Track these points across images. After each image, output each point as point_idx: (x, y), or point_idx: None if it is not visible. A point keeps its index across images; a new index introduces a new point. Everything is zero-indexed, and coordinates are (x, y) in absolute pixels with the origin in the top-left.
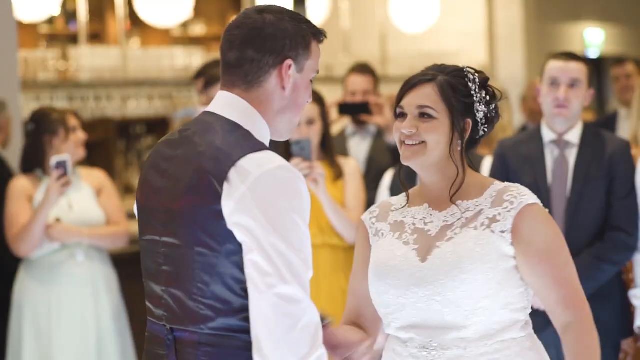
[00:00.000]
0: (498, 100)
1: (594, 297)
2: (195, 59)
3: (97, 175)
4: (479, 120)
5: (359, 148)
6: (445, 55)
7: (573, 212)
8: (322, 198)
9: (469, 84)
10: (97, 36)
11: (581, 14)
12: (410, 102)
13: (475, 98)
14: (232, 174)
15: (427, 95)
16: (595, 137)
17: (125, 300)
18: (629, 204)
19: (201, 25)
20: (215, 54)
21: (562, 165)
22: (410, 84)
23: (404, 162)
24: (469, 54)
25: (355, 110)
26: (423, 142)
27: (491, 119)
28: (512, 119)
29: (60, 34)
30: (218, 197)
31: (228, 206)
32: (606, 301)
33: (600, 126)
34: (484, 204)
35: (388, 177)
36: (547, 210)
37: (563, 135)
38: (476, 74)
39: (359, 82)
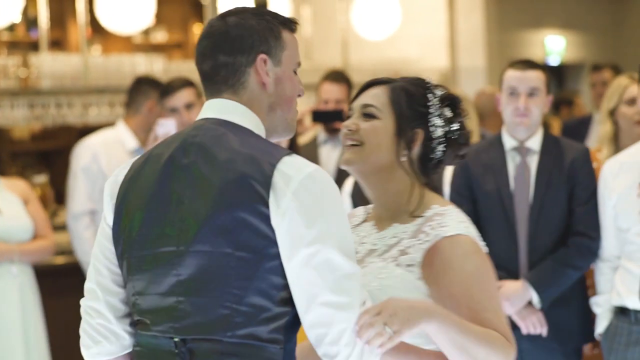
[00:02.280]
0: (461, 119)
1: (556, 302)
2: (156, 66)
3: (21, 186)
4: (433, 136)
5: (330, 156)
6: (407, 62)
7: (536, 218)
8: None
9: (428, 94)
10: (58, 43)
11: (542, 21)
12: (358, 102)
13: (431, 109)
14: (276, 177)
15: (374, 95)
16: (555, 144)
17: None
18: (591, 210)
19: (163, 32)
20: (177, 61)
21: (524, 172)
22: (363, 86)
23: (343, 166)
24: (430, 61)
25: (329, 118)
26: (362, 143)
27: (452, 141)
28: (477, 125)
29: (21, 41)
30: (262, 201)
31: (275, 211)
32: (567, 306)
33: (573, 127)
34: (407, 232)
35: (349, 183)
36: (473, 243)
37: (524, 142)
38: (440, 88)
39: (332, 91)
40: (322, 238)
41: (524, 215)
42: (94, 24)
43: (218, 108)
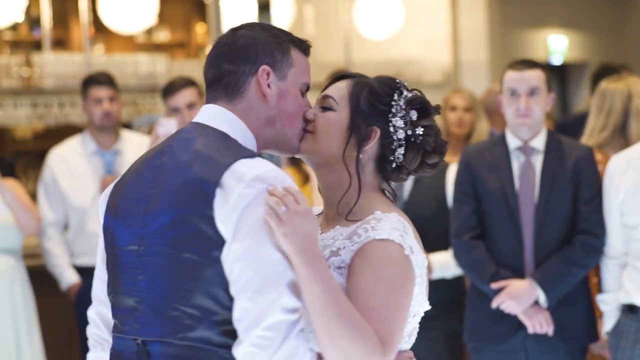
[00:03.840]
0: (428, 125)
1: (561, 301)
2: (159, 65)
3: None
4: (394, 138)
5: None
6: (410, 62)
7: (542, 218)
8: None
9: (395, 93)
10: (61, 42)
11: (545, 20)
12: (323, 94)
13: (393, 109)
14: (226, 177)
15: (337, 88)
16: (558, 144)
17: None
18: (596, 208)
19: (165, 31)
20: (180, 61)
21: (529, 171)
22: (332, 79)
23: (296, 153)
24: (433, 60)
25: None
26: (314, 132)
27: (414, 145)
28: (487, 126)
29: (23, 41)
30: (208, 201)
31: (221, 208)
32: (572, 305)
33: (570, 125)
34: (343, 234)
35: None
36: (402, 254)
37: (528, 141)
38: (411, 91)
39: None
40: (251, 240)
41: (529, 215)
42: (96, 23)
43: (205, 113)
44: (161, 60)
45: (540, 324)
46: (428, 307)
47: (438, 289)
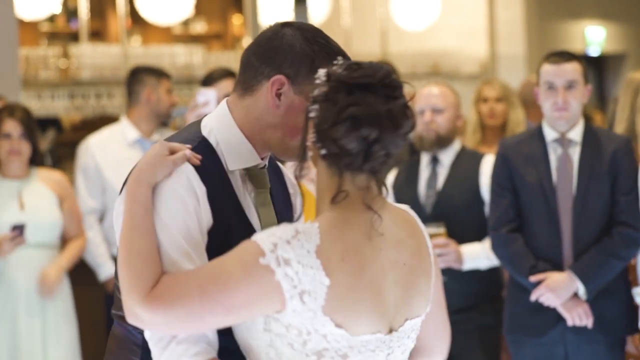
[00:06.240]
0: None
1: (600, 293)
2: (196, 57)
3: (59, 180)
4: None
5: None
6: (446, 54)
7: (580, 210)
8: None
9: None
10: (98, 34)
11: (582, 11)
12: None
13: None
14: None
15: None
16: (595, 135)
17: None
18: (634, 200)
19: (202, 23)
20: (216, 52)
21: (566, 163)
22: None
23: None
24: (469, 52)
25: None
26: None
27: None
28: (523, 115)
29: (61, 32)
30: None
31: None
32: (611, 297)
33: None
34: None
35: (391, 176)
36: (251, 250)
37: (565, 133)
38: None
39: None
40: None
41: (567, 207)
42: (133, 14)
43: (217, 110)
44: (198, 52)
45: (579, 317)
46: (339, 330)
47: (472, 280)
